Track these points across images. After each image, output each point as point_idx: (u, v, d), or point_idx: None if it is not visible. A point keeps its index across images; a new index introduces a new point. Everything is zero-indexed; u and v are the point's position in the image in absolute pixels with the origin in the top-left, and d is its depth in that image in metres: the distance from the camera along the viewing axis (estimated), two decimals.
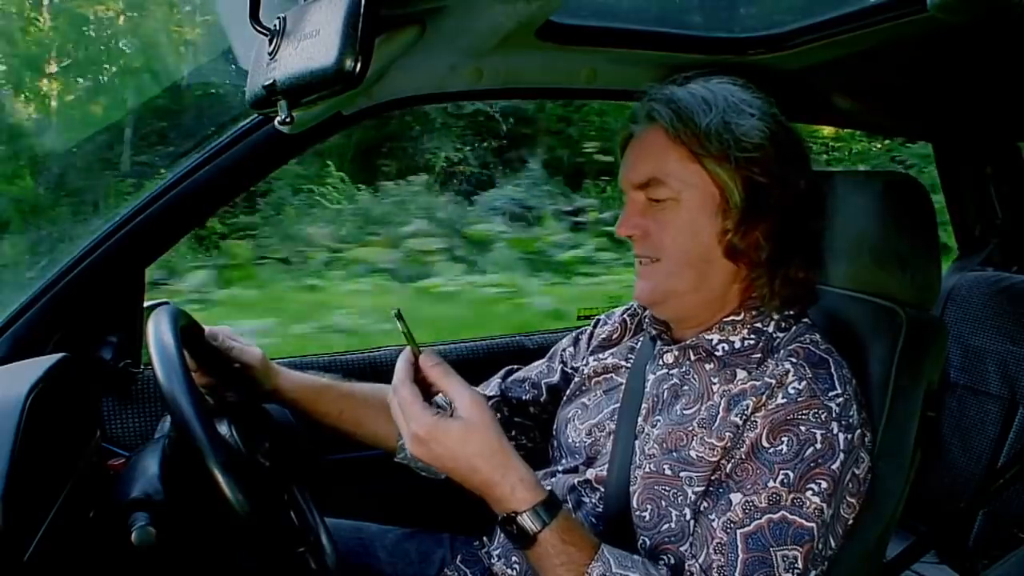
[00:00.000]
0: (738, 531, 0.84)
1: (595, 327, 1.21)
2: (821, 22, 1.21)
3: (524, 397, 1.20)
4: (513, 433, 1.17)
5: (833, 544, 0.88)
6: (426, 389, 0.87)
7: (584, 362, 1.16)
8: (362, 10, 0.71)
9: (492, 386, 1.23)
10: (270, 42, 0.85)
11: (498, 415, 1.15)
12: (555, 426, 1.14)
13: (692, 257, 0.96)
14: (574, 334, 1.24)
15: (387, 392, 1.14)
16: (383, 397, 1.14)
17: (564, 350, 1.23)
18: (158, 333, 0.88)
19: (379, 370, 1.55)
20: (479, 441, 0.82)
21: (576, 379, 1.15)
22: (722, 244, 0.95)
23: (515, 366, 1.27)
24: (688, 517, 0.89)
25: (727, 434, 0.89)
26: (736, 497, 0.86)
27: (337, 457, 1.59)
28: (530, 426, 1.20)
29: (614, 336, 1.16)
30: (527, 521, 0.82)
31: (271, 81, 0.83)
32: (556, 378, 1.21)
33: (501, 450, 0.84)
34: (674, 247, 0.96)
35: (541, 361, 1.25)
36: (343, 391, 1.17)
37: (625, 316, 1.17)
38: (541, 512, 0.82)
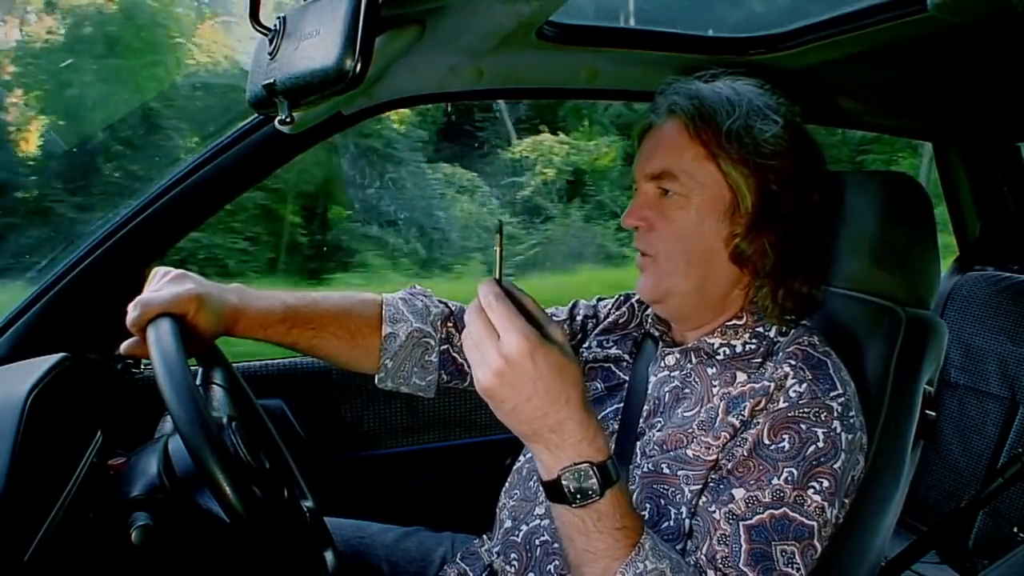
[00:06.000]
0: (741, 523, 0.84)
1: (612, 307, 1.20)
2: (821, 22, 1.21)
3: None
4: None
5: (825, 543, 0.88)
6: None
7: (587, 345, 1.15)
8: (362, 10, 0.71)
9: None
10: (270, 42, 0.85)
11: None
12: None
13: (694, 256, 0.96)
14: (592, 302, 1.22)
15: (347, 304, 1.09)
16: (342, 316, 1.08)
17: (588, 319, 1.20)
18: (159, 338, 0.88)
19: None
20: (575, 371, 0.70)
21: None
22: (729, 247, 0.95)
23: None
24: (684, 516, 0.89)
25: (723, 433, 0.89)
26: (739, 492, 0.85)
27: (338, 457, 1.60)
28: None
29: (621, 320, 1.16)
30: (611, 469, 0.71)
31: (271, 81, 0.83)
32: (577, 337, 1.19)
33: (585, 389, 0.72)
34: (677, 244, 0.96)
35: (562, 310, 1.22)
36: (296, 321, 1.05)
37: (634, 302, 1.17)
38: (614, 464, 0.73)
